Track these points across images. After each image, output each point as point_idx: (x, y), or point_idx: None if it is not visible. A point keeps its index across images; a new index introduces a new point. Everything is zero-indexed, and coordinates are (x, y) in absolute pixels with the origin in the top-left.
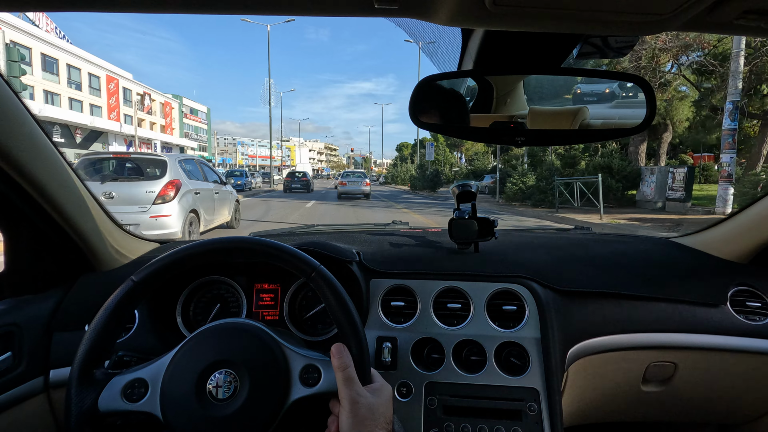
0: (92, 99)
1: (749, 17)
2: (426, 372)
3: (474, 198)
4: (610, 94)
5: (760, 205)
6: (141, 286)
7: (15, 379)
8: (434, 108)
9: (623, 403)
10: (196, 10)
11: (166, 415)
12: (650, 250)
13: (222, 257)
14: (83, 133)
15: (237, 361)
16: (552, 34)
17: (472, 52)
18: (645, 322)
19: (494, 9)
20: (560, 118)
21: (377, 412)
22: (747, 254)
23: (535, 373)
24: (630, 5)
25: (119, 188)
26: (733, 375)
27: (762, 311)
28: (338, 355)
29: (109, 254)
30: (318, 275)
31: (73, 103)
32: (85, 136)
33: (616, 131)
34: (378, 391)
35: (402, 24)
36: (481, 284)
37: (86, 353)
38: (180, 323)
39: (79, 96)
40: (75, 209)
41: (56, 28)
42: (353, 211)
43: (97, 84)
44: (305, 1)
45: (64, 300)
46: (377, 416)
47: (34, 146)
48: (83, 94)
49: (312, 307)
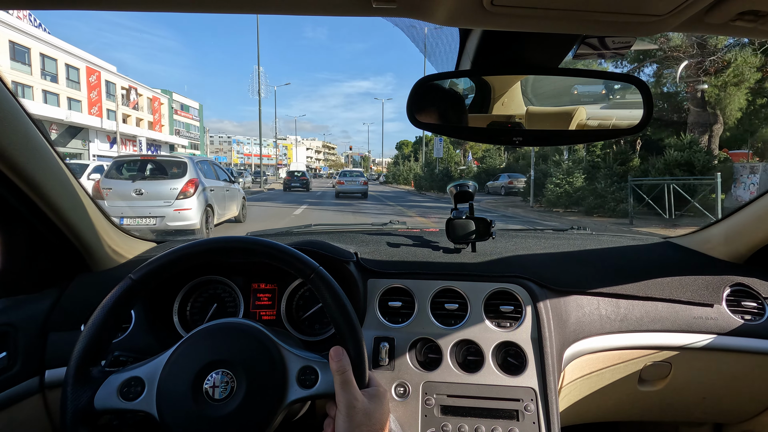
0: (70, 92)
1: (745, 18)
2: (423, 372)
3: (471, 198)
4: (605, 96)
5: (756, 206)
6: (139, 284)
7: (10, 379)
8: (432, 108)
9: (619, 403)
10: (194, 9)
11: (162, 415)
12: (647, 250)
13: (220, 257)
14: (59, 129)
15: (234, 362)
16: (550, 35)
17: (470, 52)
18: (641, 322)
19: (492, 9)
20: (557, 119)
21: (373, 417)
22: (742, 254)
23: (532, 373)
24: (627, 6)
25: (147, 186)
26: (728, 374)
27: (757, 311)
28: (336, 358)
29: (105, 254)
30: (317, 277)
31: (48, 96)
32: (62, 132)
33: (613, 132)
34: (375, 396)
35: (400, 24)
36: (478, 284)
37: (83, 351)
38: (177, 323)
39: (55, 89)
40: (71, 209)
41: (30, 15)
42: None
43: (76, 76)
44: (303, 1)
45: (60, 300)
46: (373, 421)
47: (31, 146)
48: (60, 86)
49: (309, 307)
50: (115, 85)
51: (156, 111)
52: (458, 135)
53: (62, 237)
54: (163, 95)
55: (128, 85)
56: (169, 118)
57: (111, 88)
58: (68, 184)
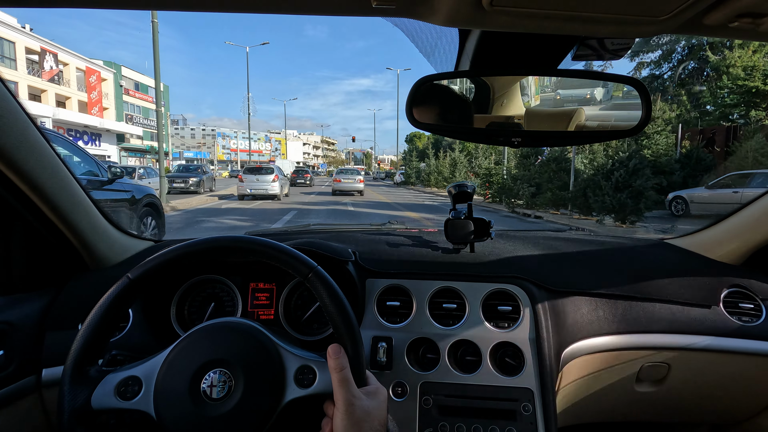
0: None
1: (743, 21)
2: (421, 372)
3: (470, 198)
4: (591, 99)
5: (753, 207)
6: (137, 283)
7: (7, 378)
8: (431, 108)
9: (617, 404)
10: (195, 8)
11: (160, 414)
12: (645, 252)
13: (219, 256)
14: None
15: (232, 361)
16: (549, 36)
17: (469, 52)
18: (639, 323)
19: (491, 10)
20: (557, 119)
21: (372, 415)
22: (740, 256)
23: (530, 374)
24: (626, 8)
25: (260, 177)
26: (725, 376)
27: (754, 312)
28: (335, 357)
29: (103, 253)
30: (315, 276)
31: None
32: None
33: (611, 133)
34: (373, 394)
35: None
36: (476, 284)
37: (80, 349)
38: (174, 322)
39: None
40: (69, 208)
41: None
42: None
43: None
44: (303, 0)
45: (57, 298)
46: (372, 419)
47: (29, 144)
48: None
49: (307, 307)
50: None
51: (92, 88)
52: (457, 135)
53: (60, 235)
54: (107, 69)
55: (40, 48)
56: (116, 100)
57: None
58: (66, 183)
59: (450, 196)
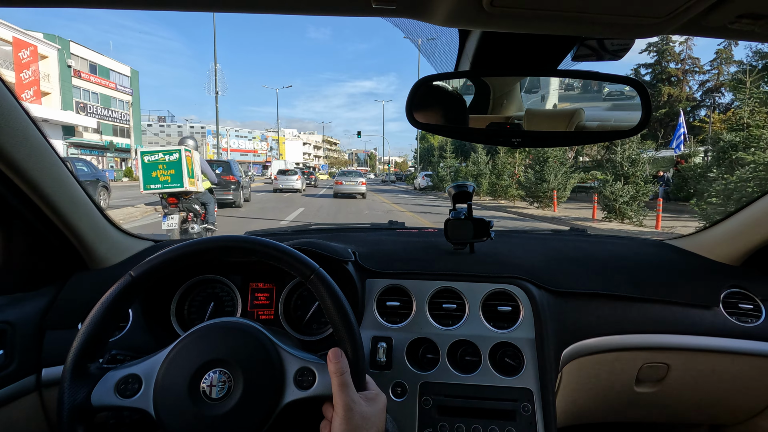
0: None
1: (743, 21)
2: (421, 372)
3: (470, 198)
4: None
5: (753, 208)
6: (138, 281)
7: (7, 377)
8: (431, 108)
9: (616, 404)
10: (196, 8)
11: (159, 413)
12: (644, 252)
13: (220, 255)
14: None
15: (231, 361)
16: (549, 36)
17: (469, 53)
18: (638, 324)
19: (491, 10)
20: (556, 120)
21: (370, 421)
22: (740, 256)
23: (530, 374)
24: (626, 8)
25: (288, 177)
26: (725, 376)
27: (754, 313)
28: (335, 360)
29: (103, 253)
30: (316, 278)
31: None
32: None
33: (611, 133)
34: (373, 399)
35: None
36: (476, 285)
37: (81, 346)
38: (174, 322)
39: None
40: (69, 207)
41: None
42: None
43: None
44: (304, 0)
45: (57, 298)
46: (370, 425)
47: (29, 143)
48: None
49: (307, 307)
50: None
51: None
52: (457, 135)
53: (60, 235)
54: (48, 44)
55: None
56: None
57: None
58: (66, 182)
59: (450, 197)
